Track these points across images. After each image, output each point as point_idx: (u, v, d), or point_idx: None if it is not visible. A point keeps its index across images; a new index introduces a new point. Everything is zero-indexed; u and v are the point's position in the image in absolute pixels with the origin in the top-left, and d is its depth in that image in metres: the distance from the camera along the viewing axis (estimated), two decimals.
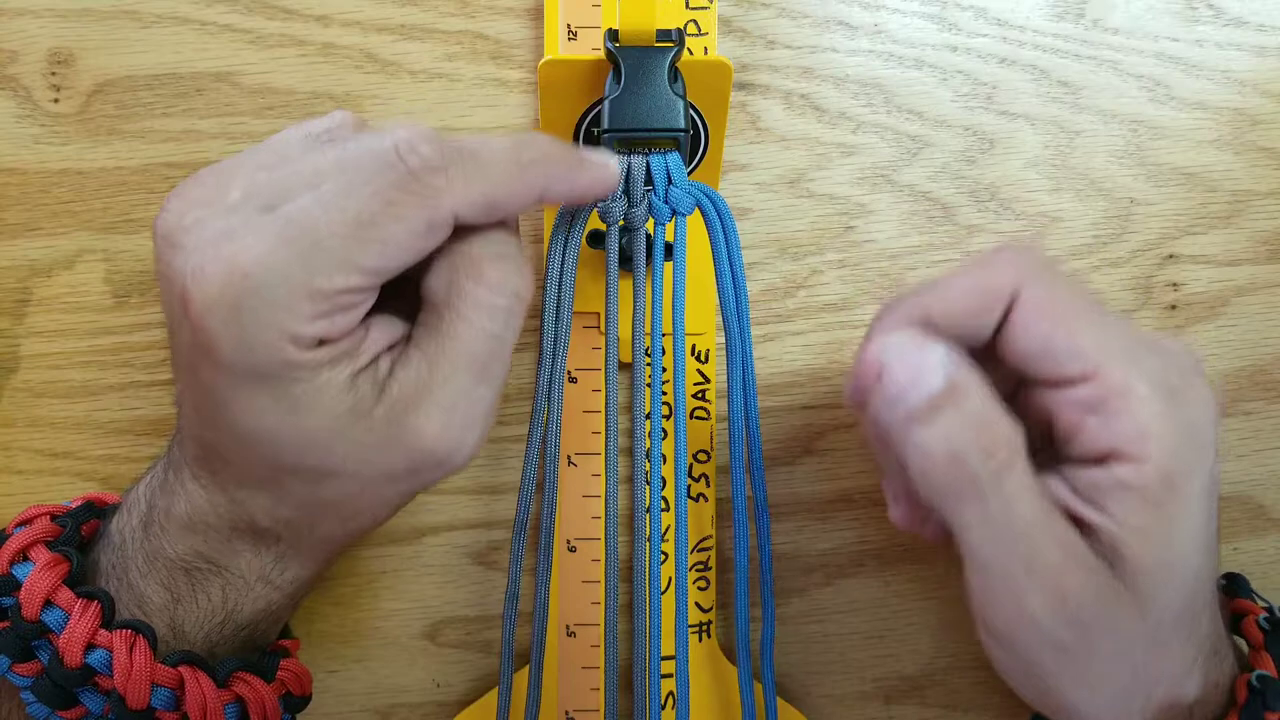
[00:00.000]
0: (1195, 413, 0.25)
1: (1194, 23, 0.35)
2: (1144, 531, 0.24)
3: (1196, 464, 0.24)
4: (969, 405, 0.24)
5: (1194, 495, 0.24)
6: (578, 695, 0.33)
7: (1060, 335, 0.24)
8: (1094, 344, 0.24)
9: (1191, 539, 0.24)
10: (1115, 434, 0.24)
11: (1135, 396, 0.24)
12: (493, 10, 0.34)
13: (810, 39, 0.35)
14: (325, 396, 0.24)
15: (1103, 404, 0.24)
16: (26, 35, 0.33)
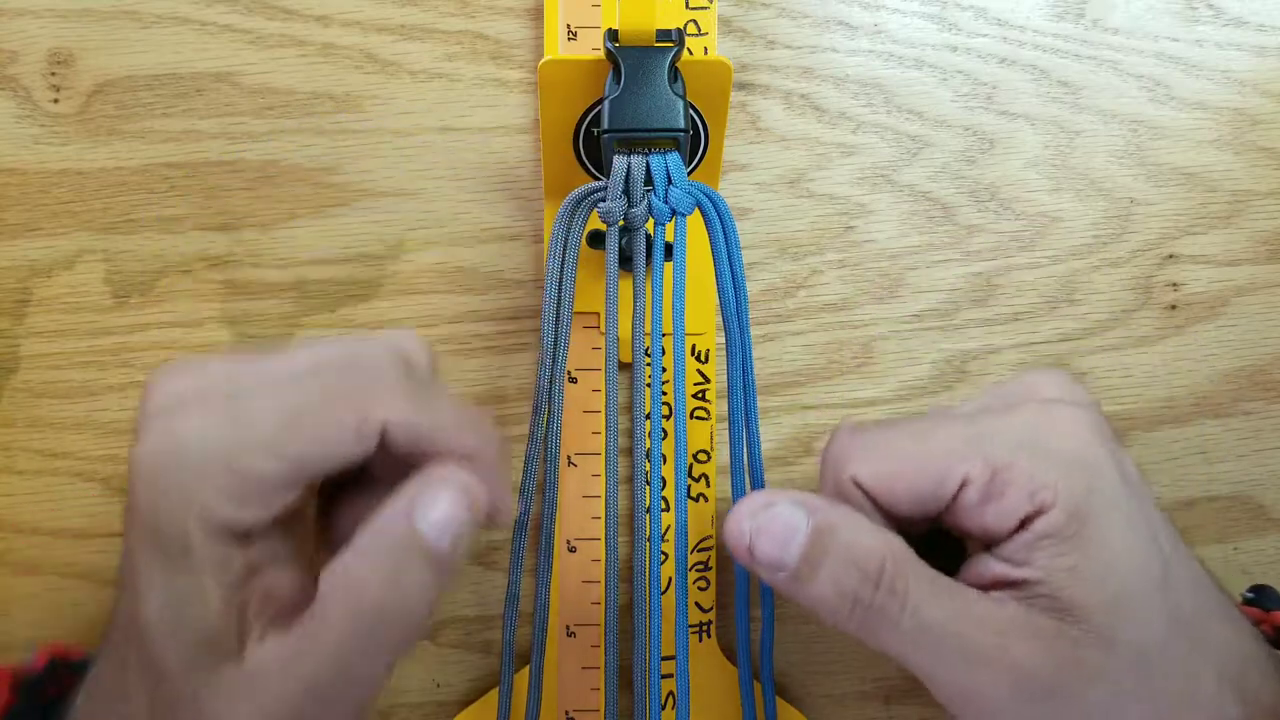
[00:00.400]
0: (1065, 440, 0.25)
1: (1194, 23, 0.35)
2: (1075, 569, 0.24)
3: (1094, 489, 0.25)
4: (839, 543, 0.24)
5: (1110, 516, 0.25)
6: (578, 695, 0.33)
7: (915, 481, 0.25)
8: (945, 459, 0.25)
9: (1126, 555, 0.24)
10: (1011, 507, 0.24)
11: (1010, 471, 0.24)
12: (493, 10, 0.34)
13: (810, 39, 0.35)
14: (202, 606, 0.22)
15: (987, 496, 0.25)
16: (26, 35, 0.33)
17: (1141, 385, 0.36)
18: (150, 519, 0.23)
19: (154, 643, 0.23)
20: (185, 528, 0.22)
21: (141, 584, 0.23)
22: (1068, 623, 0.24)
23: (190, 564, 0.22)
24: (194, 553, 0.22)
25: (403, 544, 0.23)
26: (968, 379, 0.35)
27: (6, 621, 0.33)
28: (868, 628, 0.24)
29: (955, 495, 0.25)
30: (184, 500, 0.22)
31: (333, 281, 0.34)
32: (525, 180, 0.34)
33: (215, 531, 0.23)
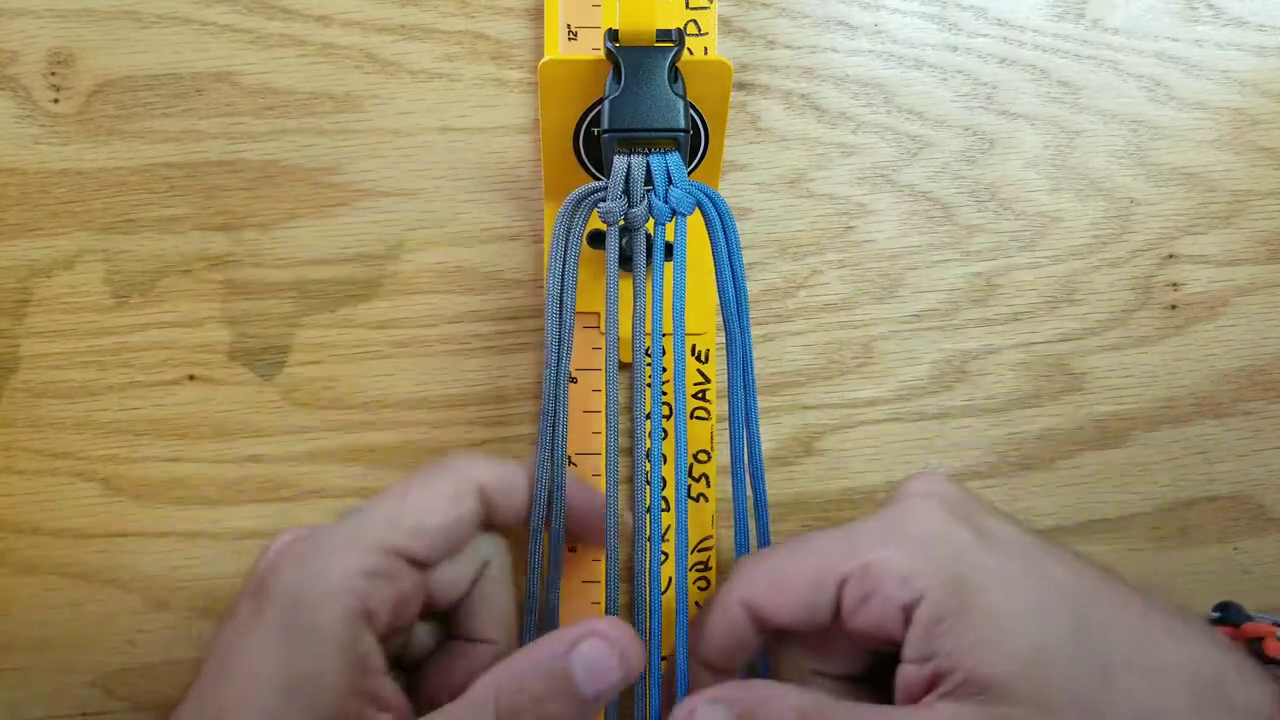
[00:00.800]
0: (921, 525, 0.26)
1: (1194, 23, 0.36)
2: (975, 645, 0.24)
3: (959, 557, 0.25)
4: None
5: (986, 581, 0.25)
6: None
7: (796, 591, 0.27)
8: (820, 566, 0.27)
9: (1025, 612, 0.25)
10: (889, 599, 0.25)
11: (880, 561, 0.26)
12: (493, 10, 0.34)
13: (810, 39, 0.35)
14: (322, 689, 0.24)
15: (865, 593, 0.26)
16: (26, 35, 0.33)
17: (1141, 385, 0.36)
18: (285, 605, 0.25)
19: None
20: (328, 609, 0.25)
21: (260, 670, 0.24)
22: (995, 702, 0.24)
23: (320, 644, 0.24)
24: (325, 633, 0.24)
25: (557, 674, 0.25)
26: (968, 379, 0.35)
27: (6, 621, 0.33)
28: None
29: (839, 599, 0.26)
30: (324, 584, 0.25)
31: (333, 281, 0.34)
32: (525, 180, 0.34)
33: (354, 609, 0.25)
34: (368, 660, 0.25)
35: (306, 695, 0.24)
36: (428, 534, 0.27)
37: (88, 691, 0.33)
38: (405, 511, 0.27)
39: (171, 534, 0.33)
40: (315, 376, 0.34)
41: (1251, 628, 0.28)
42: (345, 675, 0.24)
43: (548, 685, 0.25)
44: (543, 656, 0.25)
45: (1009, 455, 0.35)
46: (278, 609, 0.25)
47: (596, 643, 0.26)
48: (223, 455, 0.34)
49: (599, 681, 0.25)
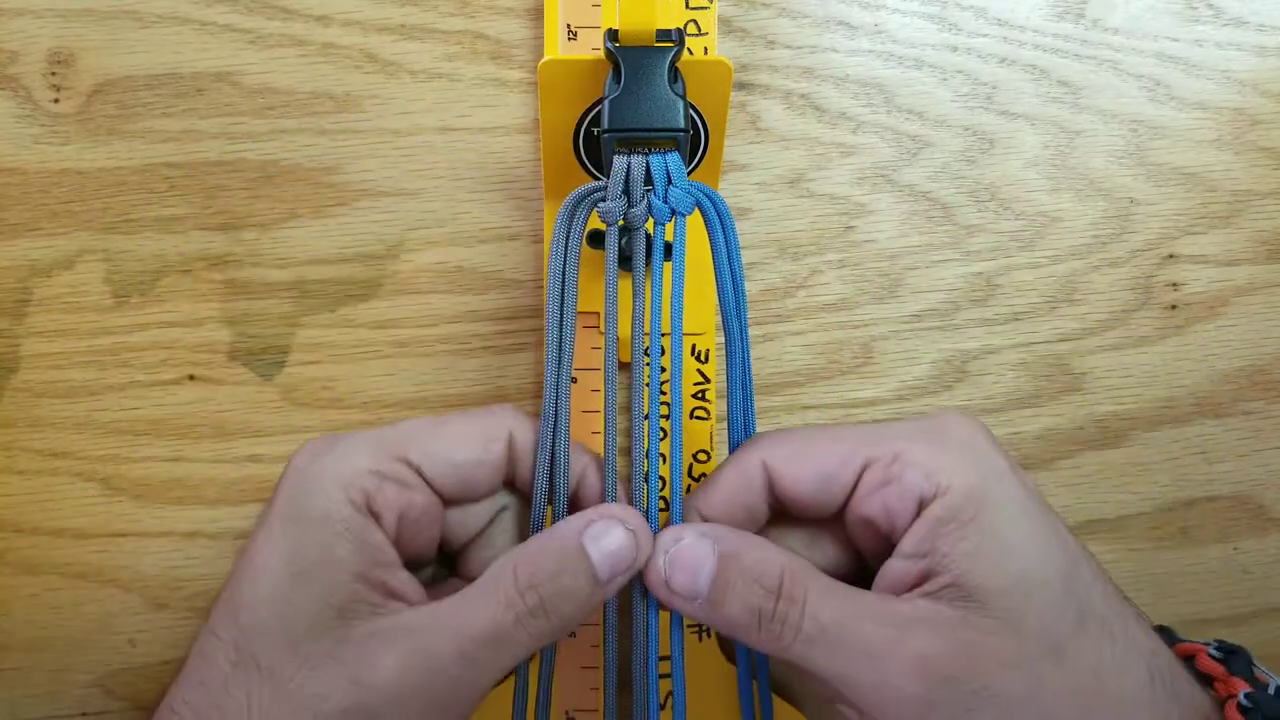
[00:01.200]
0: (961, 434, 0.27)
1: (1194, 23, 0.36)
2: (974, 553, 0.25)
3: (989, 474, 0.26)
4: (743, 566, 0.26)
5: (1006, 503, 0.26)
6: (578, 695, 0.33)
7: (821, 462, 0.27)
8: (850, 445, 0.27)
9: (1025, 541, 0.25)
10: (910, 487, 0.26)
11: (910, 452, 0.26)
12: (493, 10, 0.34)
13: (810, 39, 0.35)
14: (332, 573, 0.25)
15: (887, 478, 0.26)
16: (26, 35, 0.33)
17: (1141, 385, 0.36)
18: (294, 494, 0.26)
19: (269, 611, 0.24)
20: (326, 499, 0.25)
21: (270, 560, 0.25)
22: (972, 610, 0.24)
23: (328, 532, 0.25)
24: (333, 522, 0.25)
25: (570, 553, 0.26)
26: (968, 379, 0.35)
27: (6, 621, 0.33)
28: (775, 640, 0.25)
29: (858, 480, 0.27)
30: (330, 477, 0.26)
31: (333, 281, 0.34)
32: (525, 180, 0.34)
33: (358, 502, 0.25)
34: (378, 551, 0.25)
35: (315, 579, 0.25)
36: (444, 462, 0.27)
37: (87, 691, 0.33)
38: (434, 436, 0.27)
39: (171, 534, 0.33)
40: (315, 376, 0.34)
41: (1184, 647, 0.29)
42: (353, 562, 0.25)
43: (562, 560, 0.26)
44: (556, 537, 0.26)
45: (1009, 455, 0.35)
46: (287, 498, 0.26)
47: (608, 524, 0.27)
48: (222, 455, 0.34)
49: (611, 562, 0.26)
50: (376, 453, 0.26)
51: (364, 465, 0.26)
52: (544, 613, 0.25)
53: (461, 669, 0.24)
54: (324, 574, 0.25)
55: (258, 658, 0.24)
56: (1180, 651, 0.28)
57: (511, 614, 0.25)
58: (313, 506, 0.25)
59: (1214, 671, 0.27)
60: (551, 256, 0.29)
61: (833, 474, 0.27)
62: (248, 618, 0.25)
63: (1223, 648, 0.28)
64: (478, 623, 0.25)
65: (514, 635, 0.25)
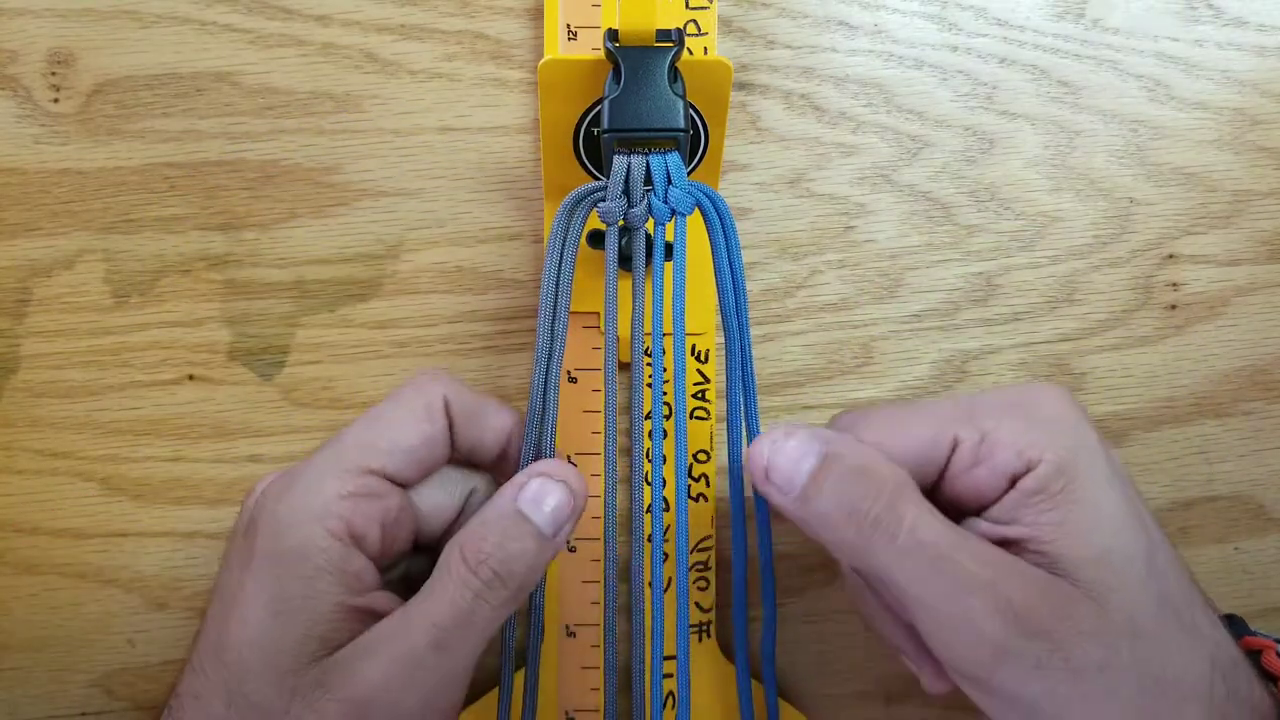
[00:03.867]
0: (1051, 409, 0.27)
1: (1194, 23, 0.35)
2: (1061, 524, 0.25)
3: (1080, 448, 0.26)
4: (846, 466, 0.26)
5: (1095, 477, 0.26)
6: (578, 695, 0.33)
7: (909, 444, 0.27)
8: (937, 425, 0.27)
9: (1112, 516, 0.25)
10: (1001, 466, 0.26)
11: (999, 431, 0.26)
12: (493, 10, 0.34)
13: (810, 39, 0.35)
14: (313, 607, 0.25)
15: (977, 459, 0.26)
16: (26, 35, 0.33)
17: (1141, 385, 0.36)
18: (271, 535, 0.26)
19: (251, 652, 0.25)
20: (305, 532, 0.26)
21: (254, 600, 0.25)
22: (1060, 576, 0.24)
23: (309, 568, 0.25)
24: (313, 557, 0.25)
25: (510, 516, 0.27)
26: (968, 379, 0.35)
27: (6, 621, 0.33)
28: (866, 543, 0.25)
29: (949, 459, 0.27)
30: (303, 512, 0.26)
31: (333, 281, 0.34)
32: (525, 180, 0.34)
33: (338, 532, 0.26)
34: (359, 578, 0.26)
35: (299, 615, 0.25)
36: (402, 452, 0.27)
37: (87, 691, 0.33)
38: (378, 433, 0.27)
39: (171, 534, 0.33)
40: (315, 376, 0.34)
41: (1252, 640, 0.28)
42: (335, 594, 0.25)
43: (504, 529, 0.26)
44: (494, 508, 0.27)
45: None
46: (265, 539, 0.26)
47: (540, 481, 0.27)
48: (222, 455, 0.34)
49: (551, 516, 0.27)
50: (340, 475, 0.26)
51: (333, 492, 0.26)
52: (499, 582, 0.26)
53: (439, 658, 0.25)
54: (307, 608, 0.25)
55: (249, 696, 0.25)
56: (1247, 645, 0.28)
57: (470, 593, 0.25)
58: (292, 545, 0.26)
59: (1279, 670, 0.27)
60: (547, 256, 0.29)
61: (924, 454, 0.27)
62: (234, 658, 0.25)
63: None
64: (441, 610, 0.25)
65: (478, 611, 0.25)
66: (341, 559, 0.26)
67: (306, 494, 0.26)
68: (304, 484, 0.26)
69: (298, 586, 0.25)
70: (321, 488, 0.26)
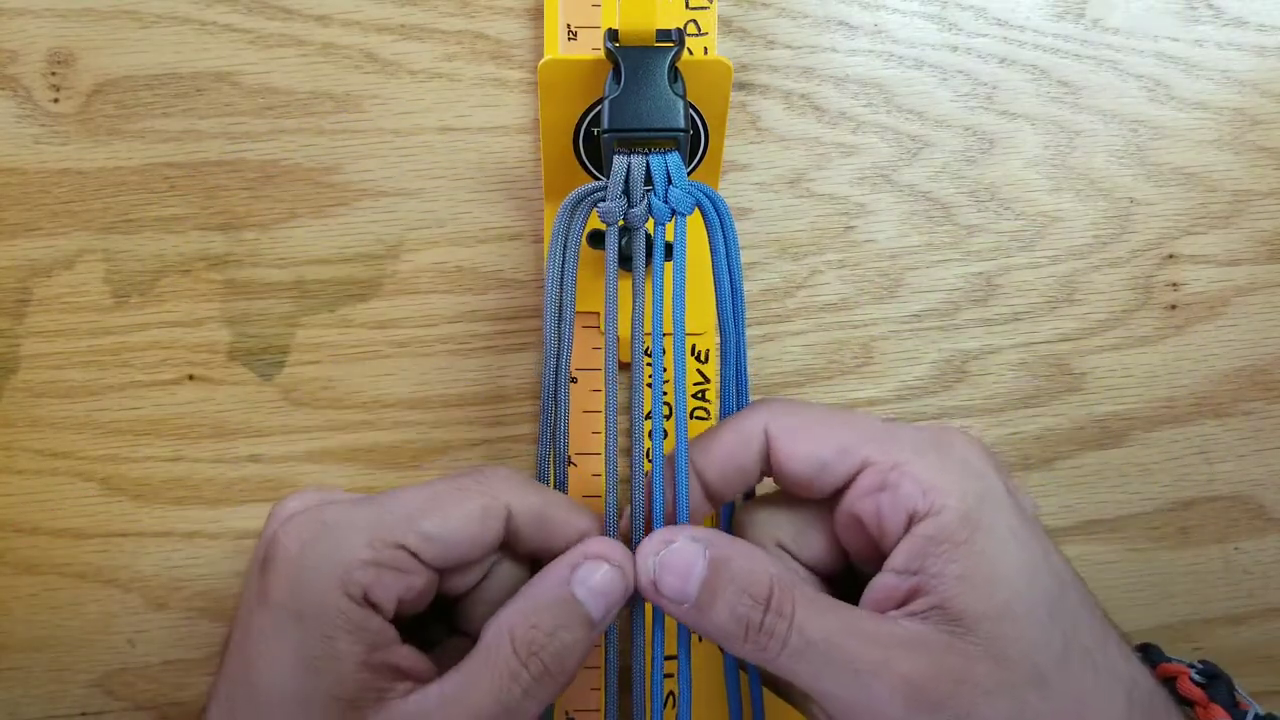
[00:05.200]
0: (962, 453, 0.27)
1: (1194, 23, 0.36)
2: (965, 577, 0.25)
3: (986, 496, 0.26)
4: (733, 572, 0.26)
5: (999, 527, 0.25)
6: (578, 695, 0.33)
7: (821, 446, 0.27)
8: (853, 439, 0.27)
9: (1016, 566, 0.25)
10: (905, 499, 0.26)
11: (911, 464, 0.26)
12: (493, 10, 0.34)
13: (810, 39, 0.35)
14: (337, 667, 0.24)
15: (883, 484, 0.26)
16: (26, 35, 0.33)
17: (1141, 385, 0.36)
18: (289, 590, 0.25)
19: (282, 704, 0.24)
20: (324, 597, 0.25)
21: (277, 656, 0.25)
22: (958, 635, 0.24)
23: (328, 626, 0.25)
24: (331, 616, 0.25)
25: (563, 602, 0.26)
26: (968, 379, 0.35)
27: (6, 621, 0.33)
28: (762, 651, 0.25)
29: (854, 477, 0.27)
30: (325, 572, 0.25)
31: (333, 281, 0.34)
32: (525, 180, 0.34)
33: (356, 596, 0.25)
34: (378, 636, 0.25)
35: (322, 674, 0.24)
36: (443, 544, 0.26)
37: (87, 691, 0.33)
38: (426, 513, 0.26)
39: (171, 534, 0.33)
40: (315, 376, 0.34)
41: (1168, 667, 0.29)
42: (356, 652, 0.25)
43: (557, 615, 0.26)
44: (546, 590, 0.26)
45: (1009, 455, 0.35)
46: (282, 586, 0.25)
47: (593, 564, 0.26)
48: (222, 455, 0.34)
49: (604, 601, 0.26)
50: (371, 540, 0.25)
51: (359, 556, 0.25)
52: (549, 677, 0.25)
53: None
54: (329, 667, 0.24)
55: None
56: (1163, 672, 0.29)
57: (518, 687, 0.25)
58: (310, 601, 0.25)
59: (1195, 696, 0.28)
60: (550, 256, 0.29)
61: (829, 462, 0.27)
62: (264, 699, 0.25)
63: (1205, 671, 0.28)
64: (485, 702, 0.24)
65: (523, 705, 0.25)
66: (360, 619, 0.25)
67: (332, 548, 0.25)
68: (332, 536, 0.25)
69: (318, 645, 0.25)
70: (349, 545, 0.25)
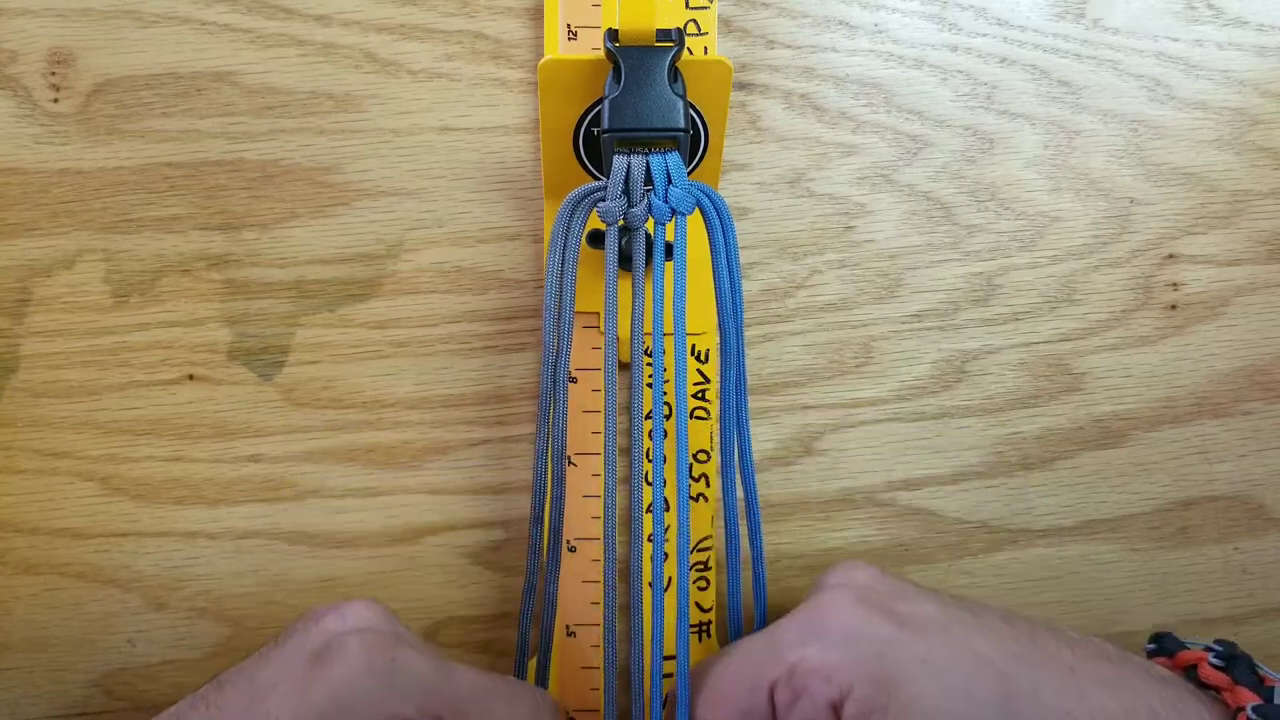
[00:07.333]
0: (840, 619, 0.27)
1: (1194, 23, 0.35)
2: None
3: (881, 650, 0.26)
4: None
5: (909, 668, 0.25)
6: (578, 695, 0.33)
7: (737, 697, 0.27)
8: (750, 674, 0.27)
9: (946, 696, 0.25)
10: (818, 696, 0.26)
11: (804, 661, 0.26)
12: (493, 10, 0.34)
13: (810, 39, 0.35)
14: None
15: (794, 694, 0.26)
16: (26, 35, 0.33)
17: (1141, 385, 0.36)
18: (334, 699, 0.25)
19: None
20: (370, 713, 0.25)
21: None
22: None
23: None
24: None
25: None
26: (968, 379, 0.35)
27: (6, 621, 0.33)
28: None
29: (772, 704, 0.27)
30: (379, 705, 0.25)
31: (333, 281, 0.34)
32: (525, 180, 0.34)
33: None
34: None
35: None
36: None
37: (87, 691, 0.33)
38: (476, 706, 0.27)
39: (171, 534, 0.33)
40: (315, 376, 0.34)
41: (1185, 655, 0.29)
42: None
43: None
44: None
45: (1009, 455, 0.35)
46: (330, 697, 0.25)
47: None
48: (222, 455, 0.34)
49: None
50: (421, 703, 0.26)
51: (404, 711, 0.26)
52: None
53: None
54: None
55: None
56: (1181, 661, 0.28)
57: None
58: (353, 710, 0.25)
59: (1218, 682, 0.27)
60: (550, 256, 0.29)
61: (747, 708, 0.27)
62: None
63: (1224, 654, 0.28)
64: None
65: None
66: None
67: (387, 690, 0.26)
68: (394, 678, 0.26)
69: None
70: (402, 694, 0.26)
